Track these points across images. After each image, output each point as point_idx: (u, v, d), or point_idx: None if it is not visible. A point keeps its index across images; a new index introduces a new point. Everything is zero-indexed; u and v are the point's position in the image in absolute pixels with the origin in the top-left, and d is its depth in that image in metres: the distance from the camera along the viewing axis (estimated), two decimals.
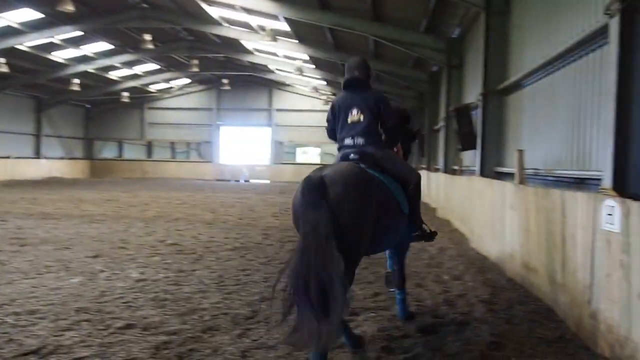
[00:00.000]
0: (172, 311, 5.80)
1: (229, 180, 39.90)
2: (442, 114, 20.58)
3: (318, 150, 42.68)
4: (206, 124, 43.09)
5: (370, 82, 5.17)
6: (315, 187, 3.87)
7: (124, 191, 24.88)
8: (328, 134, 5.37)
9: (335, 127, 5.17)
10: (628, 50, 5.30)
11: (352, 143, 4.97)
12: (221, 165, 42.38)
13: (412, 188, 4.88)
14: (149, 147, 44.45)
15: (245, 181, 39.93)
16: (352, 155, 4.89)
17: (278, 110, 42.28)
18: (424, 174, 23.21)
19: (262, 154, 43.28)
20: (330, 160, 34.17)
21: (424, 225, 5.17)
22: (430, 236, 5.28)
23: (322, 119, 27.90)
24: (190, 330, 5.19)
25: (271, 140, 42.48)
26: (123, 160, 43.95)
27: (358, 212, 4.02)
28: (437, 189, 18.09)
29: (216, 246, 10.21)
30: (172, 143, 44.32)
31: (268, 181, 40.14)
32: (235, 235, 11.75)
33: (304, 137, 42.05)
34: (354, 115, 5.00)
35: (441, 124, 21.37)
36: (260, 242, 10.90)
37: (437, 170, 21.31)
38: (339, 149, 5.03)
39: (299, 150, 43.37)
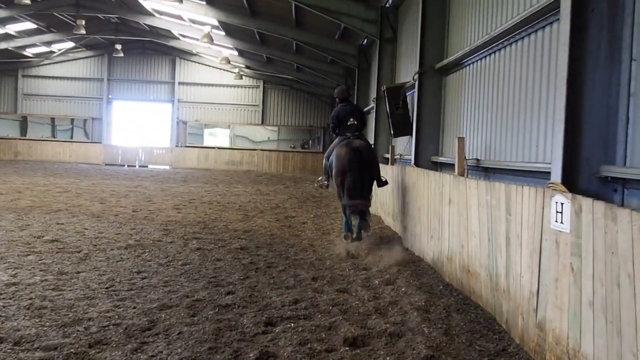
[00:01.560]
0: (52, 322, 5.65)
1: (122, 165, 39.10)
2: (373, 94, 20.78)
3: (228, 132, 42.33)
4: (95, 98, 41.72)
5: (350, 99, 12.06)
6: (357, 149, 10.52)
7: None
8: (332, 129, 11.78)
9: (338, 126, 11.54)
10: (581, 28, 5.44)
11: (351, 133, 11.27)
12: (112, 147, 41.19)
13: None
14: (24, 122, 42.49)
15: (142, 167, 39.21)
16: (352, 137, 11.13)
17: (182, 83, 41.51)
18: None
19: (162, 135, 42.56)
20: (241, 143, 42.01)
21: (382, 178, 11.26)
22: (385, 182, 11.43)
23: (234, 95, 27.35)
24: (73, 345, 5.05)
25: (173, 119, 41.68)
26: None
27: (373, 161, 10.87)
28: None
29: (106, 243, 10.10)
30: (53, 119, 42.55)
31: (169, 167, 39.60)
32: (129, 230, 11.66)
33: (213, 116, 41.55)
34: (351, 120, 11.40)
35: (371, 105, 21.59)
36: (159, 239, 10.87)
37: None
38: (341, 135, 11.36)
39: (206, 131, 42.82)
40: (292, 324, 5.87)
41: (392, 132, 15.39)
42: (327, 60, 28.90)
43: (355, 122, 11.34)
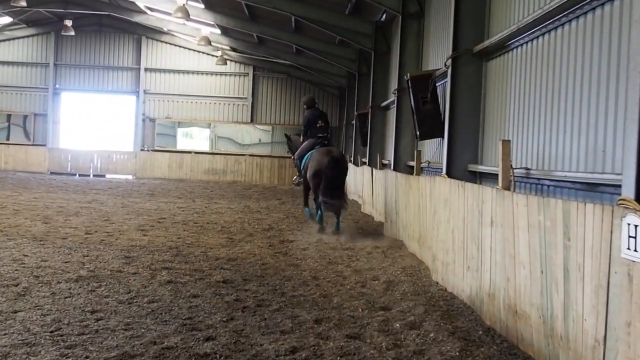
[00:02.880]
0: None
1: (72, 174, 39.01)
2: (394, 84, 20.63)
3: (208, 132, 42.17)
4: (38, 88, 41.49)
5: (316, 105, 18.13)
6: (337, 160, 15.92)
7: None
8: (303, 133, 17.61)
9: (309, 129, 17.26)
10: None
11: (322, 136, 17.08)
12: (60, 151, 41.13)
13: None
14: None
15: (97, 176, 39.11)
16: (325, 142, 17.05)
17: (149, 70, 41.30)
18: (362, 171, 23.91)
19: (123, 136, 42.44)
20: (225, 146, 41.89)
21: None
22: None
23: (216, 86, 32.17)
24: None
25: (137, 115, 41.39)
26: None
27: (346, 168, 16.82)
28: (382, 194, 18.29)
29: (51, 274, 10.00)
30: None
31: (132, 177, 39.47)
32: (81, 258, 11.58)
33: (188, 112, 41.36)
34: (320, 123, 17.25)
35: (391, 98, 21.45)
36: (119, 268, 10.78)
37: (384, 166, 21.44)
38: (312, 138, 17.13)
39: (180, 131, 42.66)
40: None
41: (417, 133, 15.22)
42: (336, 41, 28.84)
43: (323, 125, 17.31)
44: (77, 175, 39.21)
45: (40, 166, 40.44)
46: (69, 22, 38.37)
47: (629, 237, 4.75)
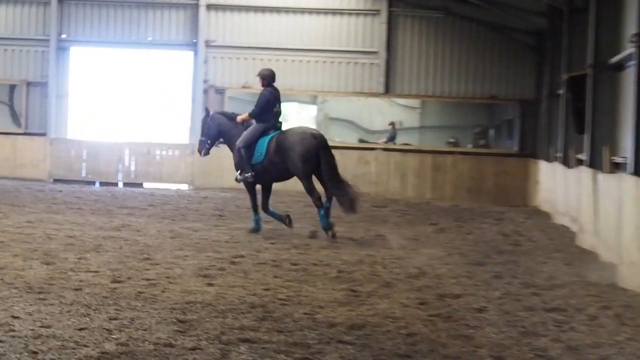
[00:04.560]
0: None
1: (90, 183, 29.79)
2: (632, 24, 17.43)
3: (313, 110, 31.89)
4: (33, 40, 29.37)
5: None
6: (323, 138, 16.06)
7: None
8: (256, 114, 15.97)
9: (265, 112, 15.95)
10: None
11: (280, 125, 16.36)
12: (70, 144, 30.19)
13: None
14: None
15: (130, 185, 28.99)
16: (280, 125, 16.39)
17: (215, 7, 29.06)
18: (578, 177, 19.41)
19: (172, 118, 32.39)
20: (342, 134, 29.46)
21: None
22: None
23: (326, 33, 25.32)
24: None
25: (195, 83, 29.24)
26: None
27: None
28: (615, 216, 15.98)
29: (58, 350, 7.88)
30: None
31: (186, 186, 29.81)
32: (106, 322, 9.07)
33: (280, 79, 28.30)
34: (277, 107, 16.18)
35: (629, 50, 18.20)
36: (168, 341, 8.49)
37: (616, 168, 18.64)
38: (268, 122, 15.98)
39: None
40: None
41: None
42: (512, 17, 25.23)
43: (279, 111, 16.17)
44: (97, 184, 29.22)
45: (38, 169, 29.53)
46: None
47: None
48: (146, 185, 28.60)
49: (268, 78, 16.24)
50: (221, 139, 17.02)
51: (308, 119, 30.00)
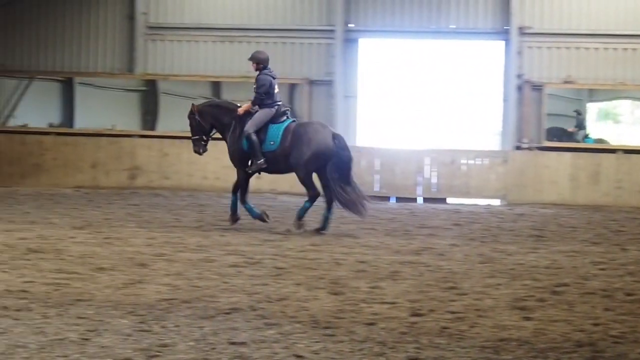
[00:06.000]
0: None
1: (386, 199, 26.16)
2: None
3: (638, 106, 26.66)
4: (317, 32, 26.29)
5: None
6: (339, 136, 15.73)
7: None
8: (259, 100, 15.28)
9: (268, 97, 15.36)
10: None
11: (285, 109, 15.77)
12: (359, 153, 24.84)
13: None
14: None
15: (431, 201, 26.46)
16: (287, 111, 15.80)
17: None
18: None
19: (476, 121, 28.91)
20: None
21: None
22: None
23: None
24: None
25: (507, 77, 25.51)
26: None
27: None
28: None
29: None
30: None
31: (499, 201, 26.16)
32: None
33: (603, 70, 24.49)
34: (276, 88, 15.59)
35: None
36: None
37: None
38: (272, 106, 15.24)
39: (592, 108, 26.61)
40: None
41: None
42: None
43: (278, 91, 16.04)
44: (393, 199, 26.49)
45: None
46: None
47: None
48: (450, 200, 25.75)
49: (264, 62, 15.90)
50: (214, 130, 16.35)
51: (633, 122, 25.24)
